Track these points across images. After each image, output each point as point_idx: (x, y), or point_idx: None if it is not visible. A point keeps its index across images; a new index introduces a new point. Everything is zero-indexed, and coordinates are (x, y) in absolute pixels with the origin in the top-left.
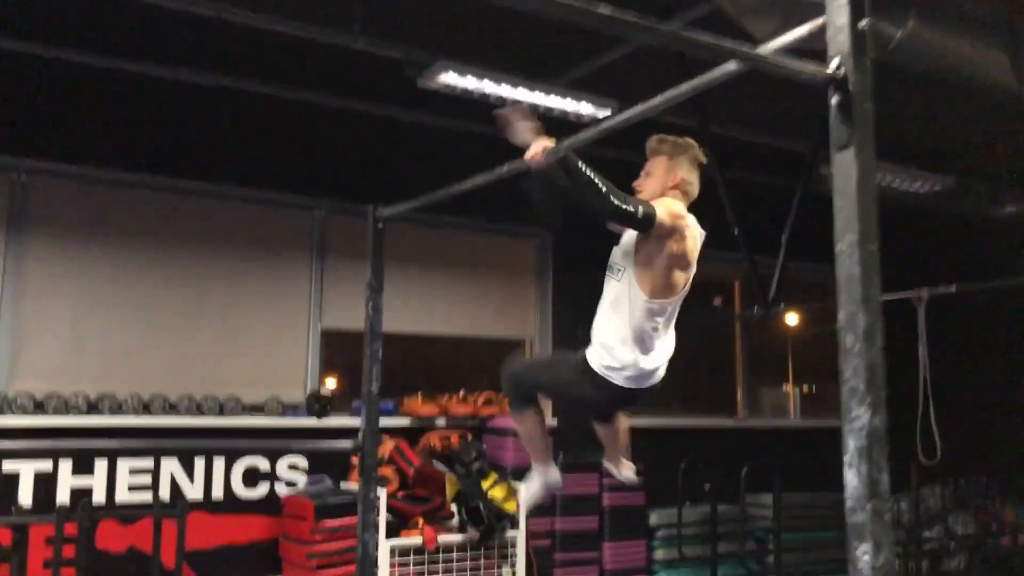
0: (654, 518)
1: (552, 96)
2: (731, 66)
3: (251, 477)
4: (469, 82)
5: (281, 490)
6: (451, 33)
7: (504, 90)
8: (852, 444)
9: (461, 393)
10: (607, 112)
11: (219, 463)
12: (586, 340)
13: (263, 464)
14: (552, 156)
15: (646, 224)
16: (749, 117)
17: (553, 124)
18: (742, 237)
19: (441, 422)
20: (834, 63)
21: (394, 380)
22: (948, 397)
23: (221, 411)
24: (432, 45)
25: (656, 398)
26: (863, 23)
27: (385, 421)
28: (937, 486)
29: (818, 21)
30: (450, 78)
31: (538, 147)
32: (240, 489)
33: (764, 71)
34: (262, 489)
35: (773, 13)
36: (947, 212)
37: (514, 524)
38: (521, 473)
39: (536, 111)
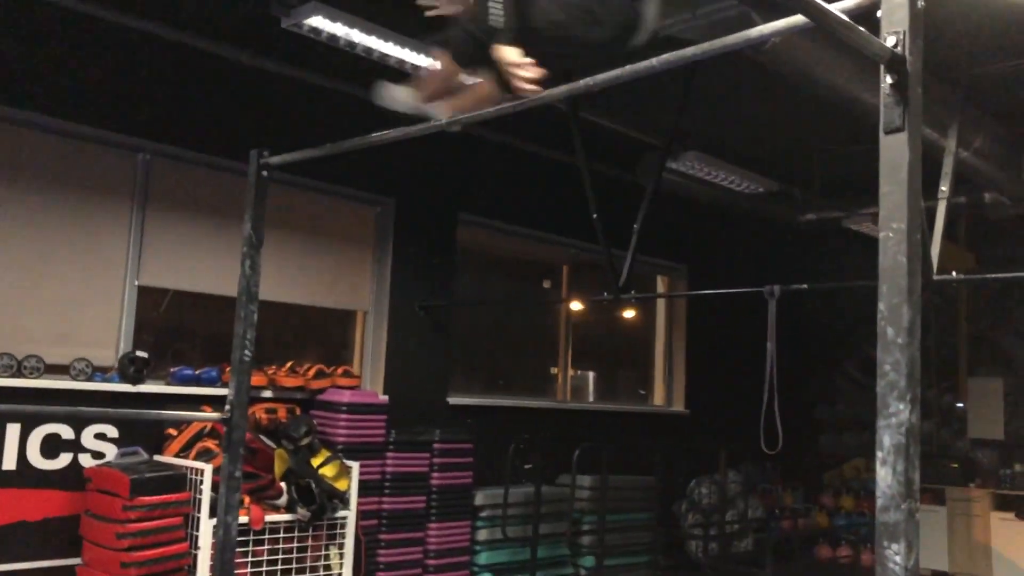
0: (479, 498)
1: (422, 55)
2: (797, 19)
3: (51, 446)
4: (338, 29)
5: (86, 462)
6: None
7: (373, 42)
8: (888, 440)
9: (289, 364)
10: None
11: (13, 430)
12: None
13: (66, 432)
14: None
15: None
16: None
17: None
18: (600, 224)
19: (268, 394)
20: (891, 40)
21: (218, 346)
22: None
23: (19, 371)
24: None
25: (482, 375)
26: (921, 2)
27: (207, 391)
28: (738, 471)
29: None
30: (318, 22)
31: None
32: (37, 460)
33: (828, 31)
34: (63, 460)
35: None
36: (762, 216)
37: (345, 504)
38: (353, 451)
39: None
